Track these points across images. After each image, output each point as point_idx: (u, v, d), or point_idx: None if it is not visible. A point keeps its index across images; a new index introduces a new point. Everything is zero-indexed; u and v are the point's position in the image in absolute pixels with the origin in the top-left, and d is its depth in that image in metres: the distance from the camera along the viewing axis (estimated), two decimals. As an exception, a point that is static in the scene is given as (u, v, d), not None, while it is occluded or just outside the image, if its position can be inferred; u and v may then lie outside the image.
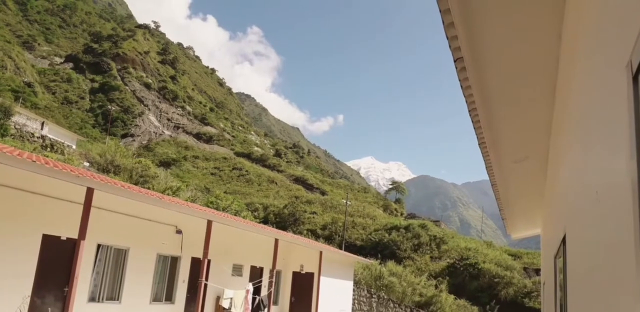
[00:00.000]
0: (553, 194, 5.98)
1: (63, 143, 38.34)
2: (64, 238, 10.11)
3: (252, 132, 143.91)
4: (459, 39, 3.76)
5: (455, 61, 4.05)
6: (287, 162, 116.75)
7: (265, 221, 44.49)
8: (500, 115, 5.19)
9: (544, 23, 3.72)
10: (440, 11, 3.48)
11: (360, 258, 25.76)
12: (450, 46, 3.87)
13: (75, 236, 9.00)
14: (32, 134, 35.56)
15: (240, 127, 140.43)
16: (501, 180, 7.40)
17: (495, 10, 3.54)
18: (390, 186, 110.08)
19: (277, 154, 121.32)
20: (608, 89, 2.26)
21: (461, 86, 4.45)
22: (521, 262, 41.21)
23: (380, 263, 33.78)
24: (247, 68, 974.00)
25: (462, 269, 38.88)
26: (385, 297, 28.79)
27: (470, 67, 4.11)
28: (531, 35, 3.91)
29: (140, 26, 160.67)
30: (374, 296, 28.04)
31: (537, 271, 37.47)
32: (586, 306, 3.10)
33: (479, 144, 5.93)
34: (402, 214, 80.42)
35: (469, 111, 4.94)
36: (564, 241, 4.49)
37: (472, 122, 5.22)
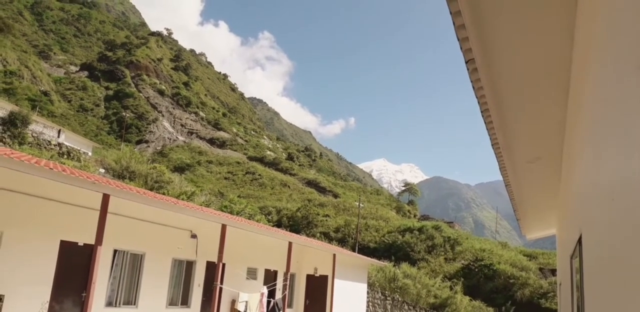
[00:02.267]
0: (568, 194, 5.93)
1: (79, 150, 38.80)
2: (81, 244, 10.24)
3: (265, 137, 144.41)
4: (470, 41, 3.77)
5: (466, 63, 4.06)
6: (299, 165, 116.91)
7: (278, 225, 44.55)
8: (513, 116, 5.18)
9: (556, 23, 3.71)
10: (450, 13, 3.49)
11: (374, 260, 25.68)
12: (461, 48, 3.88)
13: (92, 241, 9.12)
14: (49, 141, 36.05)
15: (252, 132, 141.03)
16: (515, 180, 7.36)
17: (505, 12, 3.54)
18: (403, 188, 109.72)
19: (290, 158, 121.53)
20: (622, 89, 2.26)
21: (473, 87, 4.45)
22: (537, 263, 40.75)
23: (394, 265, 33.63)
24: (258, 73, 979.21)
25: (476, 270, 38.56)
26: (400, 299, 28.64)
27: (481, 69, 4.11)
28: (543, 36, 3.90)
29: (153, 34, 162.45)
30: (388, 298, 27.92)
31: (553, 272, 37.03)
32: (603, 306, 3.08)
33: (492, 145, 5.91)
34: (415, 216, 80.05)
35: (482, 112, 4.94)
36: (579, 241, 4.46)
37: (485, 123, 5.22)
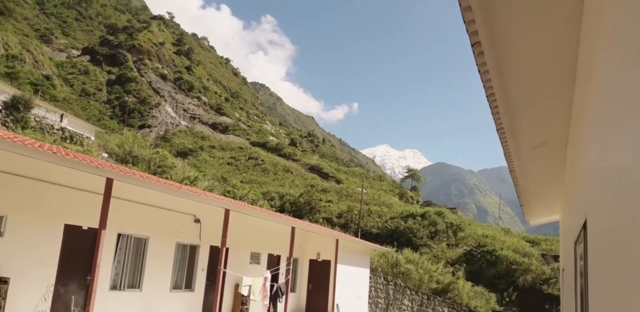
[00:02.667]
0: (573, 179, 5.90)
1: (82, 135, 38.84)
2: (85, 228, 10.30)
3: (267, 122, 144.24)
4: (477, 23, 3.70)
5: (472, 46, 3.99)
6: (302, 151, 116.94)
7: (281, 210, 44.73)
8: (519, 100, 5.12)
9: (563, 5, 3.63)
10: (457, -5, 3.42)
11: (377, 246, 25.82)
12: (467, 30, 3.81)
13: (96, 225, 9.16)
14: (52, 126, 36.07)
15: (255, 117, 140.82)
16: (520, 166, 7.32)
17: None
18: (406, 174, 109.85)
19: (292, 143, 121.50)
20: (633, 69, 2.21)
21: (479, 71, 4.38)
22: (539, 249, 40.91)
23: (396, 251, 33.81)
24: (261, 57, 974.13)
25: (479, 256, 38.75)
26: (402, 284, 28.87)
27: (488, 52, 4.04)
28: (551, 18, 3.82)
29: (154, 17, 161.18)
30: (390, 283, 28.14)
31: (556, 258, 37.19)
32: (608, 292, 3.07)
33: (497, 130, 5.86)
34: (418, 202, 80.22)
35: (487, 96, 4.88)
36: (584, 226, 4.44)
37: (491, 107, 5.16)
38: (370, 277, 25.53)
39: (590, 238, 4.10)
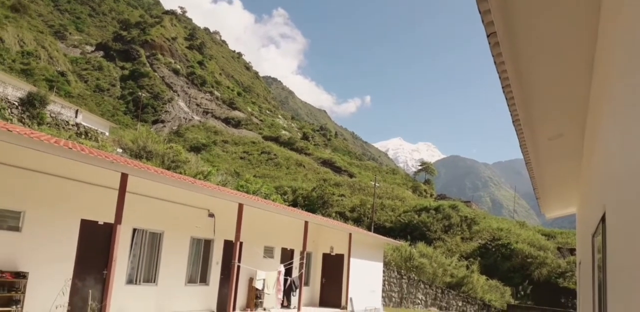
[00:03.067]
0: (591, 170, 5.80)
1: (96, 130, 39.24)
2: (101, 223, 10.41)
3: (280, 116, 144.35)
4: (492, 13, 3.63)
5: (488, 36, 3.92)
6: (314, 145, 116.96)
7: (294, 204, 44.86)
8: (535, 91, 5.03)
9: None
10: (472, -16, 3.35)
11: (390, 240, 25.78)
12: (483, 21, 3.74)
13: (111, 220, 9.25)
14: (67, 122, 36.48)
15: (267, 111, 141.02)
16: (535, 158, 7.23)
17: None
18: (420, 167, 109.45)
19: (305, 137, 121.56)
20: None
21: (495, 62, 4.31)
22: (555, 242, 40.60)
23: (410, 245, 33.76)
24: (273, 51, 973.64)
25: (494, 249, 38.57)
26: (416, 278, 28.83)
27: (503, 43, 3.97)
28: (567, 7, 3.74)
29: (167, 12, 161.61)
30: (404, 277, 28.12)
31: (572, 251, 36.86)
32: (628, 285, 3.01)
33: (512, 122, 5.78)
34: (431, 195, 79.91)
35: (503, 88, 4.80)
36: (603, 219, 4.36)
37: (506, 99, 5.08)
38: (384, 271, 25.53)
39: (609, 231, 4.03)
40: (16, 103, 32.23)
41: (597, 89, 4.62)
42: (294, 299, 16.82)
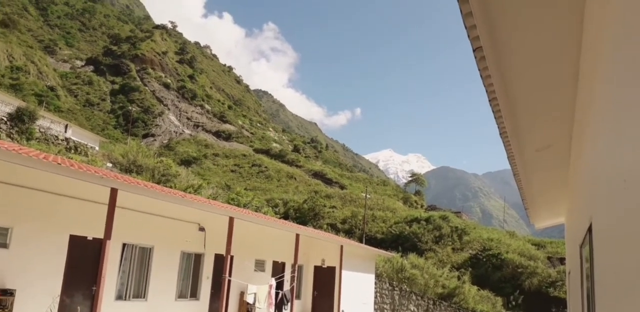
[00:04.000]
0: (577, 182, 5.88)
1: (86, 145, 39.00)
2: (90, 238, 10.31)
3: (270, 129, 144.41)
4: (478, 28, 3.71)
5: (474, 51, 4.00)
6: (305, 157, 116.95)
7: (285, 216, 44.68)
8: (521, 104, 5.11)
9: (565, 6, 3.64)
10: (458, 1, 3.43)
11: (382, 251, 25.73)
12: (469, 36, 3.82)
13: (101, 235, 9.17)
14: (57, 136, 36.24)
15: (258, 124, 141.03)
16: (523, 169, 7.30)
17: (513, -2, 3.48)
18: (410, 178, 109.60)
19: (296, 150, 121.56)
20: (637, 73, 2.21)
21: (481, 76, 4.39)
22: (545, 252, 40.71)
23: (401, 256, 33.67)
24: (263, 65, 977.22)
25: (484, 260, 38.57)
26: (408, 289, 28.72)
27: (489, 57, 4.05)
28: (551, 21, 3.83)
29: (157, 27, 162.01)
30: (396, 288, 28.01)
31: (562, 260, 36.96)
32: (614, 295, 3.05)
33: (500, 134, 5.85)
34: (422, 206, 79.97)
35: (490, 101, 4.88)
36: (590, 230, 4.41)
37: (493, 111, 5.15)
38: (376, 283, 25.42)
39: (595, 241, 4.08)
40: (5, 118, 32.00)
41: (582, 100, 4.71)
42: (286, 313, 16.67)
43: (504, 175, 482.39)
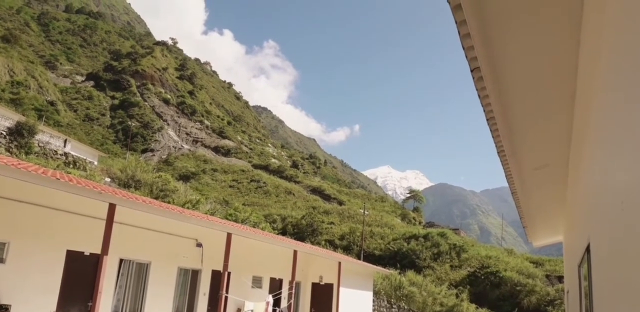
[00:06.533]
0: (575, 202, 5.90)
1: (85, 160, 38.96)
2: (87, 253, 10.25)
3: (269, 145, 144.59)
4: (475, 49, 3.78)
5: (472, 71, 4.07)
6: (304, 173, 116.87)
7: (283, 232, 44.46)
8: (519, 123, 5.17)
9: (562, 31, 3.72)
10: (456, 22, 3.51)
11: (380, 268, 25.55)
12: (466, 56, 3.89)
13: (98, 251, 9.12)
14: (56, 151, 36.23)
15: (257, 140, 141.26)
16: (521, 188, 7.33)
17: (510, 20, 3.56)
18: (408, 195, 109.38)
19: (294, 166, 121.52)
20: (633, 95, 2.26)
21: (479, 96, 4.45)
22: (543, 270, 40.47)
23: (399, 273, 33.44)
24: (263, 81, 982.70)
25: (483, 277, 38.30)
26: (406, 307, 28.45)
27: (487, 77, 4.12)
28: (548, 44, 3.91)
29: (158, 43, 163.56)
30: (394, 306, 27.74)
31: (560, 278, 36.72)
32: (614, 315, 3.05)
33: (498, 153, 5.90)
34: (420, 223, 79.67)
35: (487, 120, 4.94)
36: (588, 249, 4.43)
37: (491, 130, 5.21)
38: (374, 300, 25.19)
39: (593, 261, 4.09)
40: (4, 132, 32.05)
41: (579, 120, 4.77)
42: (283, 331, 16.48)
43: (501, 192, 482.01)
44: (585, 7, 3.40)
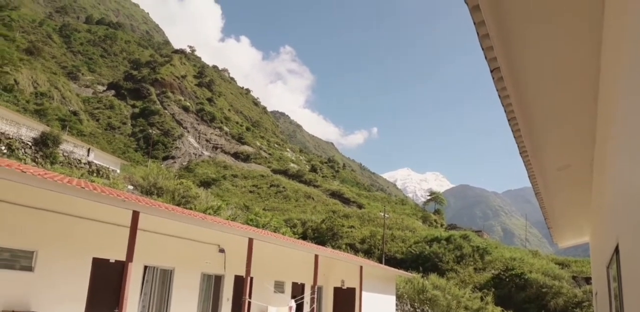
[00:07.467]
0: (601, 202, 5.80)
1: (108, 168, 39.61)
2: (112, 261, 10.40)
3: (288, 149, 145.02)
4: (495, 50, 3.76)
5: (492, 72, 4.04)
6: (322, 177, 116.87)
7: (304, 237, 44.48)
8: (540, 123, 5.11)
9: (583, 30, 3.67)
10: (474, 23, 3.49)
11: (402, 272, 25.37)
12: (486, 57, 3.87)
13: (123, 258, 9.25)
14: (79, 160, 36.92)
15: (276, 145, 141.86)
16: (545, 188, 7.23)
17: (530, 20, 3.53)
18: (429, 197, 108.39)
19: (313, 170, 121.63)
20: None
21: (499, 96, 4.42)
22: (570, 271, 39.70)
23: (422, 276, 33.16)
24: (280, 87, 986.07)
25: (507, 280, 37.74)
26: (430, 311, 28.18)
27: (507, 77, 4.09)
28: (569, 43, 3.86)
29: (176, 51, 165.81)
30: (417, 310, 27.50)
31: (587, 280, 35.97)
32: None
33: (520, 153, 5.84)
34: (442, 225, 78.91)
35: (509, 120, 4.89)
36: (616, 250, 4.34)
37: (512, 131, 5.16)
38: (397, 305, 25.01)
39: (623, 261, 4.01)
40: (30, 143, 32.78)
41: (602, 120, 4.70)
42: (307, 336, 16.46)
43: (524, 193, 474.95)
44: (606, 9, 3.35)
